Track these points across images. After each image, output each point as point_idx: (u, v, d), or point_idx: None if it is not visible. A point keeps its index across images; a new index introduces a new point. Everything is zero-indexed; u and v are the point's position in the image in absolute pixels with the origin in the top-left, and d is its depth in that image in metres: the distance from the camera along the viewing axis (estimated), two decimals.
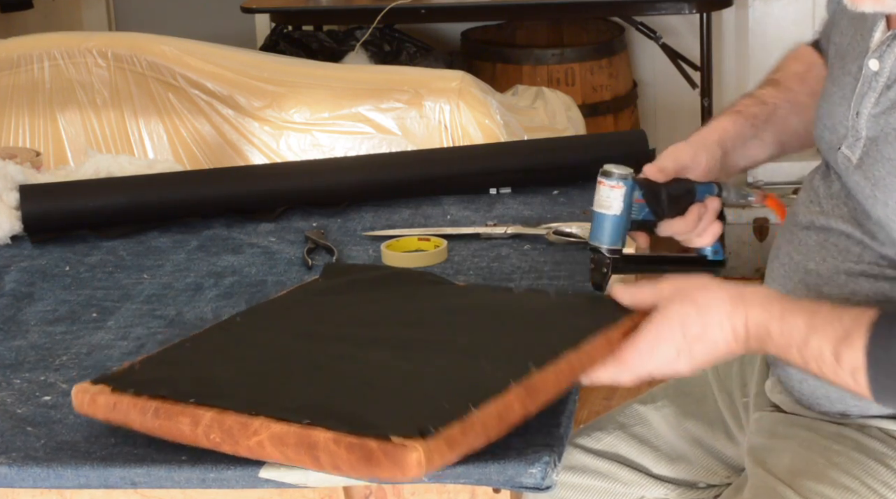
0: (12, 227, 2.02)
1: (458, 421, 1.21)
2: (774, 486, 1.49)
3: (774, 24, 4.52)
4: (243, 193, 2.11)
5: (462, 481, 1.26)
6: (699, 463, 1.71)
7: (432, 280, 1.63)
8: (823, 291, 1.50)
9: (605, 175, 1.57)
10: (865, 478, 1.46)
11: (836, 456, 1.49)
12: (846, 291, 1.48)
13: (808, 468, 1.49)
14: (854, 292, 1.48)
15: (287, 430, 1.22)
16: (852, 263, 1.49)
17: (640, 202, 1.60)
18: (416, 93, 3.11)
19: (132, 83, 3.28)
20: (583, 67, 4.21)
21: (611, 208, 1.57)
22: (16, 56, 3.32)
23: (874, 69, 1.47)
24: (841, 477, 1.47)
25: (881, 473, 1.47)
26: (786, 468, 1.50)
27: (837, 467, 1.47)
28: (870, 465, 1.47)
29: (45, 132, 3.29)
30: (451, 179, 2.15)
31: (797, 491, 1.47)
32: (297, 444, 1.21)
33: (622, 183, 1.56)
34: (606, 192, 1.57)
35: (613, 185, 1.56)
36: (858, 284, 1.48)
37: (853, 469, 1.47)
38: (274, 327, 1.49)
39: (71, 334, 1.65)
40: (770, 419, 1.59)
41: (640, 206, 1.60)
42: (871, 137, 1.46)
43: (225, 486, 1.29)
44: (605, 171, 1.57)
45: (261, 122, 3.20)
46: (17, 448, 1.34)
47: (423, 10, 4.12)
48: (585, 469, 1.70)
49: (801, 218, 1.58)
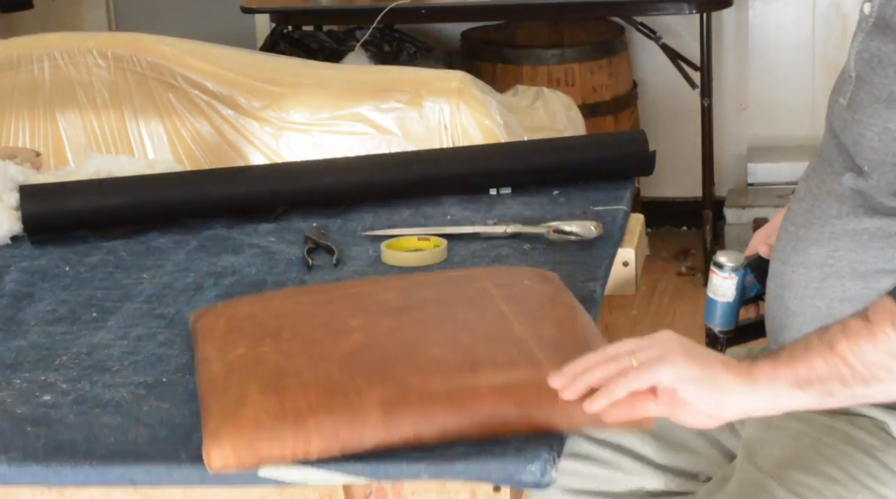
0: (12, 227, 2.02)
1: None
2: (760, 480, 1.50)
3: (774, 24, 4.51)
4: (243, 193, 2.11)
5: (462, 478, 1.27)
6: (704, 454, 1.72)
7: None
8: (811, 253, 1.52)
9: (718, 266, 1.65)
10: (852, 469, 1.47)
11: (826, 448, 1.50)
12: (830, 248, 1.50)
13: (797, 460, 1.50)
14: (836, 249, 1.50)
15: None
16: (834, 219, 1.51)
17: (752, 283, 1.67)
18: (416, 93, 3.11)
19: (132, 83, 3.28)
20: (583, 67, 4.21)
21: (724, 297, 1.65)
22: (16, 56, 3.32)
23: (866, 12, 1.53)
24: (828, 468, 1.48)
25: (868, 464, 1.48)
26: (774, 461, 1.51)
27: (826, 458, 1.49)
28: (858, 456, 1.48)
29: (45, 132, 3.29)
30: (451, 179, 2.15)
31: (783, 483, 1.48)
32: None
33: (734, 274, 1.64)
34: (719, 282, 1.65)
35: (726, 276, 1.65)
36: (840, 241, 1.50)
37: (841, 460, 1.48)
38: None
39: (71, 334, 1.65)
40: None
41: (752, 286, 1.67)
42: (859, 74, 1.51)
43: (225, 484, 1.29)
44: (718, 263, 1.65)
45: (261, 122, 3.20)
46: (17, 447, 1.34)
47: (423, 10, 4.12)
48: (588, 457, 1.72)
49: (798, 192, 1.60)
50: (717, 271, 1.64)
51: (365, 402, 1.28)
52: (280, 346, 1.42)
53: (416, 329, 1.45)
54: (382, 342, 1.42)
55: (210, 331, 1.51)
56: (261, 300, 1.62)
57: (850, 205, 1.49)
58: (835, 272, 1.50)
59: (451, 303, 1.53)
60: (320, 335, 1.45)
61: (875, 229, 1.48)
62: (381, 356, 1.38)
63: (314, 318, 1.50)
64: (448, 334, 1.43)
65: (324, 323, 1.48)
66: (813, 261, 1.52)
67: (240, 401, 1.31)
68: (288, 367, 1.36)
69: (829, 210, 1.52)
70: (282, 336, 1.45)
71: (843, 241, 1.50)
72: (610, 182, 2.13)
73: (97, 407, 1.43)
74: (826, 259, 1.51)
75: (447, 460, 1.27)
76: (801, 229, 1.54)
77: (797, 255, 1.54)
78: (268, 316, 1.52)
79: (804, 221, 1.54)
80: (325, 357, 1.38)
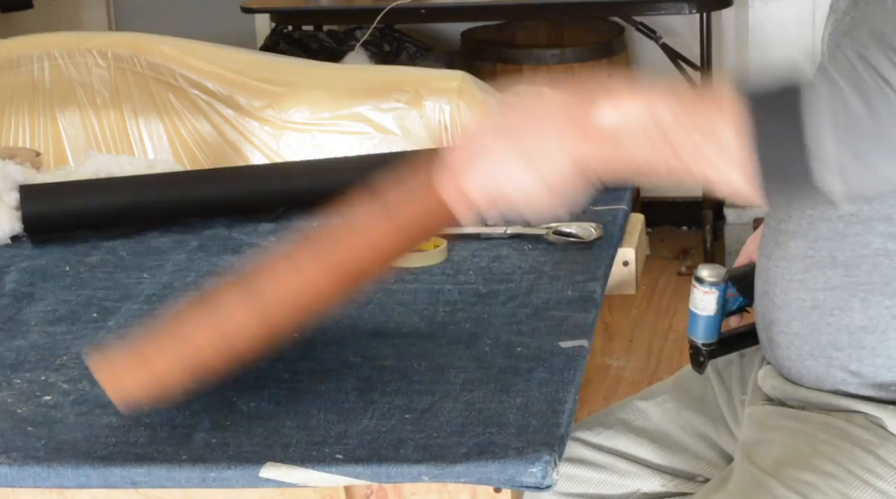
0: (12, 227, 2.02)
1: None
2: (759, 478, 1.50)
3: (774, 24, 4.52)
4: (243, 193, 2.11)
5: (463, 480, 1.27)
6: (701, 455, 1.72)
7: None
8: (791, 246, 1.52)
9: (699, 281, 1.64)
10: (849, 465, 1.48)
11: (822, 445, 1.50)
12: (809, 239, 1.51)
13: (794, 458, 1.50)
14: (816, 239, 1.50)
15: None
16: (810, 210, 1.51)
17: (734, 295, 1.67)
18: (416, 93, 3.11)
19: (132, 83, 3.28)
20: (583, 67, 4.22)
21: (705, 310, 1.65)
22: (16, 56, 3.32)
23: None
24: (825, 465, 1.48)
25: (865, 459, 1.48)
26: (772, 460, 1.51)
27: (822, 455, 1.49)
28: (854, 452, 1.49)
29: (45, 132, 3.29)
30: None
31: (781, 481, 1.48)
32: None
33: (714, 289, 1.63)
34: (700, 296, 1.64)
35: (706, 291, 1.64)
36: (817, 230, 1.50)
37: (837, 457, 1.48)
38: None
39: (71, 334, 1.65)
40: (761, 412, 1.60)
41: (734, 299, 1.67)
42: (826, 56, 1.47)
43: (225, 485, 1.29)
44: (698, 277, 1.64)
45: (261, 122, 3.20)
46: (18, 448, 1.34)
47: (423, 10, 4.12)
48: (583, 461, 1.72)
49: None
50: (698, 286, 1.65)
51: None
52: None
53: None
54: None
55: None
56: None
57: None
58: (816, 263, 1.50)
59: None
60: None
61: (849, 216, 1.47)
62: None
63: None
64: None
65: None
66: (794, 253, 1.52)
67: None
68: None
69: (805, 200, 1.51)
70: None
71: (821, 230, 1.49)
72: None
73: (98, 407, 1.42)
74: (806, 250, 1.51)
75: (448, 462, 1.27)
76: (782, 223, 1.54)
77: (779, 248, 1.54)
78: None
79: (783, 215, 1.54)
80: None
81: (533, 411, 1.36)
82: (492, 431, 1.32)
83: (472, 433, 1.32)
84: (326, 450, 1.30)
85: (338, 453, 1.29)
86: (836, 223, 1.48)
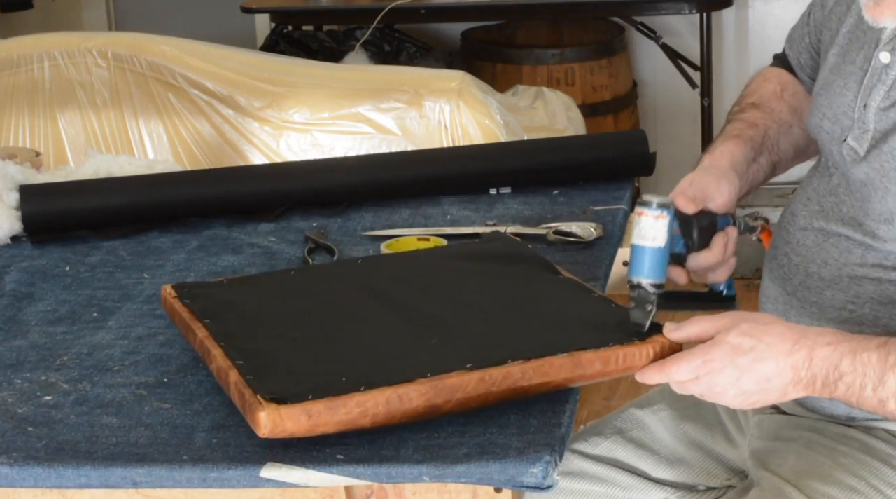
0: (12, 227, 2.02)
1: (330, 396, 1.28)
2: (780, 486, 1.49)
3: (774, 24, 4.51)
4: (243, 193, 2.11)
5: (463, 480, 1.27)
6: (699, 465, 1.71)
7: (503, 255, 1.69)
8: (826, 295, 1.50)
9: (646, 205, 1.45)
10: (871, 479, 1.46)
11: (842, 457, 1.49)
12: (850, 294, 1.48)
13: (814, 469, 1.49)
14: (858, 295, 1.47)
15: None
16: (855, 265, 1.49)
17: (677, 233, 1.52)
18: (416, 93, 3.11)
19: (132, 83, 3.28)
20: (583, 67, 4.21)
21: (655, 240, 1.44)
22: (16, 56, 3.32)
23: (885, 62, 1.46)
24: (847, 478, 1.47)
25: (887, 474, 1.47)
26: (791, 469, 1.50)
27: (843, 467, 1.47)
28: (876, 466, 1.47)
29: (45, 132, 3.29)
30: (451, 179, 2.14)
31: (803, 491, 1.47)
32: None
33: (665, 212, 1.44)
34: (649, 222, 1.44)
35: (657, 215, 1.44)
36: (862, 287, 1.47)
37: (859, 470, 1.47)
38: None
39: (71, 334, 1.65)
40: (772, 422, 1.59)
41: (676, 237, 1.52)
42: (882, 130, 1.46)
43: (226, 485, 1.29)
44: (645, 201, 1.45)
45: (261, 122, 3.20)
46: (19, 448, 1.34)
47: (423, 10, 4.12)
48: (583, 474, 1.70)
49: (799, 218, 1.58)
50: (646, 211, 1.44)
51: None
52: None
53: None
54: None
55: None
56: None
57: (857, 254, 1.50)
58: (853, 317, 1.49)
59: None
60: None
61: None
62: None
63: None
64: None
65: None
66: (830, 304, 1.50)
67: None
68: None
69: (833, 251, 1.52)
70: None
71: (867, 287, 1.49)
72: (610, 182, 2.13)
73: (98, 407, 1.42)
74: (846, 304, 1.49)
75: (449, 463, 1.27)
76: (812, 265, 1.53)
77: (807, 291, 1.53)
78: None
79: (813, 256, 1.54)
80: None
81: (533, 411, 1.36)
82: (492, 431, 1.32)
83: (472, 433, 1.32)
84: (327, 450, 1.30)
85: (338, 453, 1.29)
86: (886, 285, 1.47)
